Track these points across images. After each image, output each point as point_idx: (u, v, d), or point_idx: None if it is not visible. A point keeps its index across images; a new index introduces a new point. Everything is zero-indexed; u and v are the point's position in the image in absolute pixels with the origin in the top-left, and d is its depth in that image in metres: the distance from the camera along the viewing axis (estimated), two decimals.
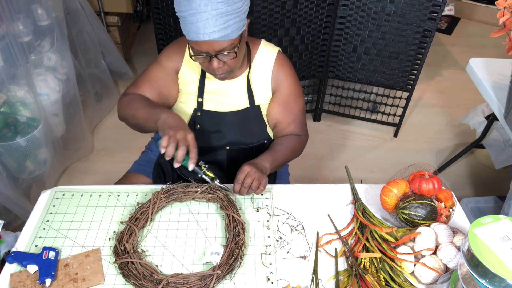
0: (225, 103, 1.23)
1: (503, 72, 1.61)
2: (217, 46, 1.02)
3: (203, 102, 1.23)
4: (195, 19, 0.98)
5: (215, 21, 0.97)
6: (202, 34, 0.99)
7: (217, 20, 0.97)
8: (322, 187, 1.21)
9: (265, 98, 1.25)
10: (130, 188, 1.19)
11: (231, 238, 1.00)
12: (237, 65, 1.12)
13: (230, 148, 1.27)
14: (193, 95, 1.23)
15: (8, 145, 1.75)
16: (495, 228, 0.77)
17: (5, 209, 1.72)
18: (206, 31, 0.98)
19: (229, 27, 1.00)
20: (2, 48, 1.65)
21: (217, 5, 0.96)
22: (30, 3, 1.85)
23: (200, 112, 1.23)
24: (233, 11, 0.99)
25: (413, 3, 2.06)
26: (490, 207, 1.97)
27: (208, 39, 1.00)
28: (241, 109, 1.24)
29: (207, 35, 0.99)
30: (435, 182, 1.07)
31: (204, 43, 1.02)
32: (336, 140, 2.56)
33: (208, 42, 1.01)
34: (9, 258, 0.96)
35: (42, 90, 1.98)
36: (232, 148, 1.27)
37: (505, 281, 0.70)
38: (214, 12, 0.96)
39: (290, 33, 2.19)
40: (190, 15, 0.98)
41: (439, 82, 3.11)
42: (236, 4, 0.99)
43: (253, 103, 1.24)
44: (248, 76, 1.22)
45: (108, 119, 2.64)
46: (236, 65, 1.11)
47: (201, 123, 1.24)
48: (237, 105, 1.24)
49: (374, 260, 0.97)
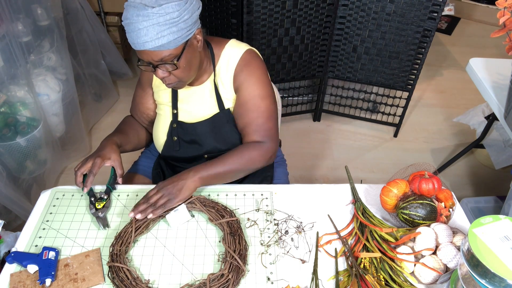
0: (197, 110, 1.22)
1: (503, 72, 1.61)
2: (155, 56, 1.01)
3: (177, 113, 1.23)
4: (130, 29, 0.98)
5: (146, 32, 0.96)
6: (137, 44, 0.99)
7: (148, 31, 0.96)
8: (322, 187, 1.21)
9: (231, 101, 1.22)
10: (130, 188, 1.19)
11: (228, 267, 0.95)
12: (186, 75, 1.09)
13: (208, 156, 1.26)
14: (168, 106, 1.24)
15: (8, 145, 1.75)
16: (495, 228, 0.77)
17: (5, 209, 1.72)
18: (139, 41, 0.98)
19: (163, 37, 0.97)
20: (2, 48, 1.65)
21: (147, 16, 0.95)
22: (30, 3, 1.85)
23: (175, 124, 1.23)
24: (166, 22, 0.96)
25: (413, 3, 2.06)
26: (490, 207, 1.97)
27: (143, 49, 0.99)
28: (211, 116, 1.21)
29: (141, 45, 0.98)
30: (435, 182, 1.07)
31: (142, 52, 1.01)
32: (336, 140, 2.56)
33: (145, 52, 1.00)
34: (9, 258, 0.96)
35: (42, 90, 1.98)
36: (210, 156, 1.25)
37: (505, 281, 0.70)
38: (145, 23, 0.95)
39: (290, 33, 2.19)
40: (126, 25, 0.98)
41: (439, 82, 3.11)
42: (170, 15, 0.96)
43: (223, 108, 1.21)
44: (215, 80, 1.19)
45: (105, 119, 2.64)
46: (184, 75, 1.08)
47: (177, 135, 1.24)
48: (208, 111, 1.22)
49: (374, 260, 0.97)
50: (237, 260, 0.96)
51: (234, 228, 1.04)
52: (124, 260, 0.97)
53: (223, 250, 1.01)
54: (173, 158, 1.31)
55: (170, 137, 1.25)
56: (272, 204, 1.14)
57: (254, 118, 1.18)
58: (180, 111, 1.23)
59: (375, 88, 2.55)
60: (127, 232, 1.02)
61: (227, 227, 1.04)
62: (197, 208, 1.10)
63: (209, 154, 1.26)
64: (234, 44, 1.20)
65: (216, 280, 0.92)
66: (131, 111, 1.38)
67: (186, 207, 1.08)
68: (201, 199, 1.11)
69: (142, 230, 1.04)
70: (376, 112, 2.63)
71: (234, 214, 1.08)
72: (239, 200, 1.15)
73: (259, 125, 1.18)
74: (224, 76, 1.19)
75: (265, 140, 1.19)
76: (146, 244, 1.03)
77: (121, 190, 1.18)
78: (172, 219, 1.05)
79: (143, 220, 1.05)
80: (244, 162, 1.15)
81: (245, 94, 1.18)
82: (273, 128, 1.21)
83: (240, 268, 0.95)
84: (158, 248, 1.02)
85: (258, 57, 1.21)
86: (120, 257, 0.97)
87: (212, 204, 1.11)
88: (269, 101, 1.20)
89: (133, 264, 0.98)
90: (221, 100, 1.21)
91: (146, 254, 1.01)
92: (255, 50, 1.22)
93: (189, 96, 1.22)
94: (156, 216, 1.05)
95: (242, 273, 0.95)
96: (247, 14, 2.04)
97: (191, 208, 1.10)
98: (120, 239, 1.01)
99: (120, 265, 0.94)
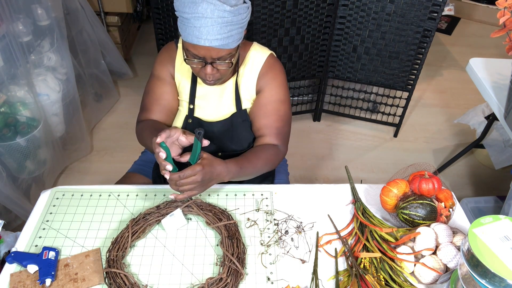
0: (214, 108, 1.22)
1: (503, 72, 1.61)
2: (215, 54, 1.01)
3: (194, 109, 1.23)
4: (199, 23, 0.96)
5: (219, 29, 0.96)
6: (204, 39, 0.98)
7: (222, 29, 0.97)
8: (322, 187, 1.21)
9: (251, 101, 1.23)
10: (130, 188, 1.19)
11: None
12: (228, 73, 1.11)
13: (222, 154, 1.26)
14: (185, 102, 1.23)
15: (8, 145, 1.75)
16: (495, 228, 0.77)
17: (5, 209, 1.72)
18: (209, 37, 0.97)
19: (231, 37, 0.99)
20: (2, 48, 1.65)
21: (223, 13, 0.95)
22: (30, 3, 1.85)
23: (191, 119, 1.23)
24: (238, 22, 0.98)
25: (413, 3, 2.06)
26: (490, 207, 1.97)
27: (209, 45, 0.99)
28: (229, 116, 1.22)
29: (208, 41, 0.98)
30: (435, 182, 1.07)
31: (203, 48, 1.00)
32: (336, 140, 2.56)
33: (207, 48, 1.00)
34: (9, 258, 0.96)
35: (42, 90, 1.98)
36: (224, 154, 1.25)
37: (505, 281, 0.70)
38: (220, 20, 0.96)
39: (290, 33, 2.19)
40: (194, 18, 0.96)
41: (439, 82, 3.11)
42: (241, 15, 0.99)
43: (240, 108, 1.22)
44: (237, 80, 1.20)
45: (107, 119, 2.64)
46: (227, 73, 1.10)
47: (192, 130, 1.24)
48: (226, 110, 1.22)
49: (374, 260, 0.97)
50: (235, 264, 0.95)
51: (232, 231, 1.03)
52: (121, 265, 0.96)
53: (221, 253, 1.00)
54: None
55: None
56: (272, 204, 1.14)
57: (273, 121, 1.20)
58: (197, 107, 1.23)
59: (375, 88, 2.55)
60: (124, 237, 1.02)
61: (225, 231, 1.03)
62: (194, 212, 1.10)
63: (223, 152, 1.25)
64: (258, 48, 1.22)
65: (215, 284, 0.92)
66: (146, 112, 1.24)
67: (182, 211, 1.07)
68: (198, 203, 1.11)
69: (139, 235, 1.03)
70: (376, 112, 2.63)
71: (231, 217, 1.08)
72: (239, 200, 1.15)
73: (277, 129, 1.21)
74: (247, 78, 1.20)
75: (280, 144, 1.22)
76: (143, 248, 1.03)
77: (121, 190, 1.18)
78: (167, 224, 1.05)
79: (140, 225, 1.04)
80: (263, 163, 1.17)
81: (267, 96, 1.20)
82: (288, 133, 1.25)
83: (239, 272, 0.95)
84: (155, 252, 1.02)
85: (279, 62, 1.24)
86: (117, 262, 0.96)
87: (209, 207, 1.10)
88: (288, 106, 1.23)
89: (130, 269, 0.97)
90: (240, 100, 1.21)
91: (143, 259, 1.00)
92: (274, 54, 1.24)
93: (209, 93, 1.22)
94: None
95: (241, 277, 0.95)
96: None
97: (188, 211, 1.10)
98: (117, 244, 1.00)
99: (117, 270, 0.94)
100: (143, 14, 3.43)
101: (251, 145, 1.27)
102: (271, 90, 1.20)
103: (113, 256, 0.97)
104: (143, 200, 1.14)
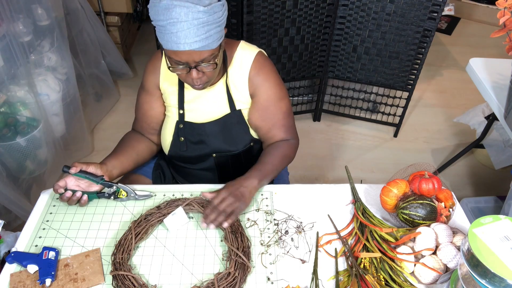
0: (206, 111, 1.22)
1: (503, 72, 1.61)
2: (198, 57, 1.00)
3: (184, 113, 1.22)
4: (175, 29, 0.95)
5: (196, 31, 0.95)
6: (183, 44, 0.96)
7: (199, 30, 0.95)
8: (322, 187, 1.21)
9: (245, 103, 1.22)
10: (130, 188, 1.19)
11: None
12: (215, 75, 1.10)
13: (217, 155, 1.26)
14: (174, 108, 1.23)
15: (8, 145, 1.75)
16: (495, 228, 0.77)
17: (5, 209, 1.72)
18: (187, 41, 0.96)
19: (210, 37, 0.98)
20: (3, 48, 1.65)
21: (198, 15, 0.94)
22: (30, 3, 1.85)
23: (182, 124, 1.23)
24: (214, 21, 0.97)
25: (413, 3, 2.06)
26: (490, 207, 1.97)
27: (189, 49, 0.98)
28: (222, 116, 1.21)
29: (188, 45, 0.97)
30: (435, 182, 1.07)
31: (184, 53, 0.99)
32: (336, 140, 2.56)
33: (188, 52, 0.99)
34: (9, 258, 0.96)
35: (42, 90, 1.98)
36: (219, 155, 1.26)
37: (505, 281, 0.70)
38: (196, 22, 0.94)
39: (290, 33, 2.19)
40: (170, 24, 0.95)
41: (439, 82, 3.11)
42: (217, 14, 0.97)
43: (234, 108, 1.21)
44: (226, 81, 1.19)
45: (107, 119, 2.64)
46: (214, 75, 1.09)
47: (184, 135, 1.24)
48: (218, 112, 1.22)
49: (374, 260, 0.97)
50: (241, 257, 0.96)
51: (235, 227, 1.04)
52: (128, 267, 0.96)
53: (225, 250, 1.00)
54: (179, 159, 1.30)
55: (177, 138, 1.24)
56: (272, 204, 1.14)
57: (279, 119, 1.23)
58: (188, 111, 1.22)
59: (375, 88, 2.55)
60: (127, 239, 1.01)
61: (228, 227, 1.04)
62: (195, 210, 1.10)
63: (217, 153, 1.25)
64: (245, 46, 1.21)
65: (224, 279, 0.92)
66: (136, 125, 1.32)
67: (184, 209, 1.08)
68: (198, 201, 1.11)
69: (142, 236, 1.03)
70: (376, 112, 2.63)
71: None
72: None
73: (284, 125, 1.25)
74: (237, 78, 1.19)
75: (290, 137, 1.26)
76: (147, 249, 1.02)
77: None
78: (170, 222, 1.05)
79: (142, 227, 1.04)
80: (281, 160, 1.20)
81: (266, 98, 1.21)
82: (294, 125, 1.29)
83: (246, 265, 0.95)
84: (160, 251, 1.02)
85: (268, 59, 1.23)
86: (123, 264, 0.96)
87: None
88: (287, 100, 1.25)
89: (137, 271, 0.97)
90: (233, 101, 1.21)
91: (148, 259, 1.00)
92: (264, 52, 1.24)
93: (198, 96, 1.21)
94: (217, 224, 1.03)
95: (248, 270, 0.95)
96: (247, 14, 2.04)
97: (189, 210, 1.10)
98: (121, 246, 1.00)
99: (125, 273, 0.93)
100: (143, 14, 3.42)
101: (248, 146, 1.27)
102: (268, 91, 1.20)
103: (119, 258, 0.97)
104: (143, 200, 1.14)
